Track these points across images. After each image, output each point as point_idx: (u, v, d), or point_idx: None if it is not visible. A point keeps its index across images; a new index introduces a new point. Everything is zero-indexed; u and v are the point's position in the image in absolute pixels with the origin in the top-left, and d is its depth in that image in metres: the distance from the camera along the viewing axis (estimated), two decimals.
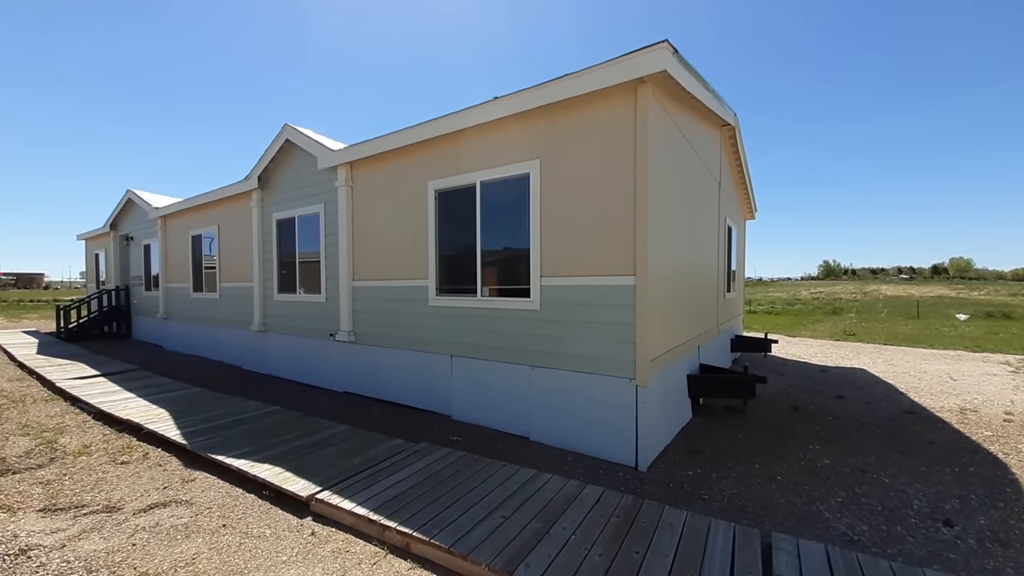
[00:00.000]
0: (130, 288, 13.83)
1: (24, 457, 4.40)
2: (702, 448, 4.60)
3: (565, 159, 4.53)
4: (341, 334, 6.76)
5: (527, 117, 4.72)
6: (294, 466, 3.89)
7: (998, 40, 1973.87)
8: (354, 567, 2.71)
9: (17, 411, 6.02)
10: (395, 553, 2.84)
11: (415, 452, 4.18)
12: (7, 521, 3.19)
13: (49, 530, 3.08)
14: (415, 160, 5.85)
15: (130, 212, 13.44)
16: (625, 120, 4.11)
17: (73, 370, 8.08)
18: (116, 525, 3.15)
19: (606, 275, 4.27)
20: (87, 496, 3.58)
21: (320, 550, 2.88)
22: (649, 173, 4.01)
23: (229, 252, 9.35)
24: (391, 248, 6.19)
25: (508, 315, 4.98)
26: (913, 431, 5.15)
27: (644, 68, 3.82)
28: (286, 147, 7.73)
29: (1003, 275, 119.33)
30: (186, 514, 3.30)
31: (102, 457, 4.38)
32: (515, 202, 4.94)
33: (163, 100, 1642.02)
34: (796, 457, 4.39)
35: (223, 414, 5.46)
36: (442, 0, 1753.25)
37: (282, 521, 3.23)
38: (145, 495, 3.60)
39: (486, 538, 2.78)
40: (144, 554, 2.82)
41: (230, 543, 2.95)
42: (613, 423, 4.21)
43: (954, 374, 8.04)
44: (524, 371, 4.88)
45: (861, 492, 3.69)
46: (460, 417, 5.47)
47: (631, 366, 4.11)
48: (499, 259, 5.13)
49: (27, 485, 3.77)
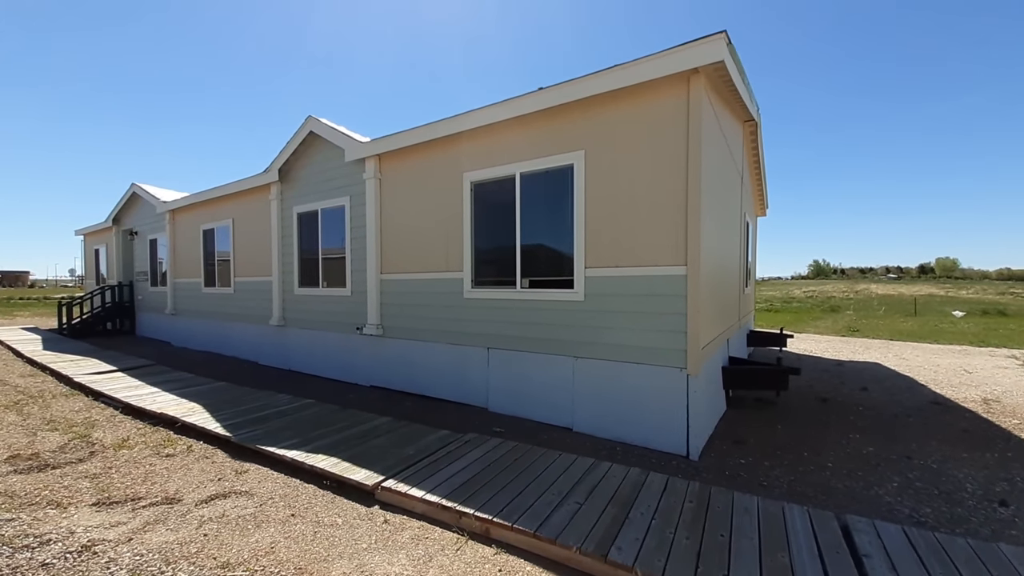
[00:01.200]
0: (134, 284, 13.58)
1: (59, 452, 4.30)
2: (745, 438, 4.64)
3: (611, 150, 4.54)
4: (369, 328, 6.70)
5: (571, 108, 4.72)
6: (349, 456, 3.86)
7: (986, 45, 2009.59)
8: (438, 553, 2.69)
9: (38, 407, 5.89)
10: (475, 539, 2.83)
11: (466, 442, 4.17)
12: (58, 517, 3.10)
13: (108, 524, 3.01)
14: (449, 152, 5.81)
15: (134, 206, 13.19)
16: (676, 111, 4.13)
17: (87, 366, 7.92)
18: (180, 517, 3.10)
19: (655, 266, 4.28)
20: (140, 488, 3.51)
21: (398, 537, 2.86)
22: (702, 164, 4.04)
23: (244, 246, 9.22)
24: (423, 241, 6.15)
25: (550, 306, 4.98)
26: (944, 420, 5.25)
27: (700, 59, 3.84)
28: (309, 139, 7.64)
29: (988, 275, 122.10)
30: (250, 504, 3.26)
31: (144, 450, 4.31)
32: (557, 193, 4.94)
33: (149, 100, 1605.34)
34: (840, 446, 4.45)
35: (258, 407, 5.39)
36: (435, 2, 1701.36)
37: (350, 510, 3.19)
38: (201, 487, 3.54)
39: (568, 523, 2.78)
40: (219, 544, 2.77)
41: (304, 532, 2.91)
42: (663, 413, 4.24)
43: (967, 367, 8.20)
44: (566, 362, 4.88)
45: (914, 477, 3.76)
46: (497, 409, 5.46)
47: (682, 355, 4.13)
48: (539, 250, 5.12)
49: (71, 479, 3.69)
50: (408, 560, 2.63)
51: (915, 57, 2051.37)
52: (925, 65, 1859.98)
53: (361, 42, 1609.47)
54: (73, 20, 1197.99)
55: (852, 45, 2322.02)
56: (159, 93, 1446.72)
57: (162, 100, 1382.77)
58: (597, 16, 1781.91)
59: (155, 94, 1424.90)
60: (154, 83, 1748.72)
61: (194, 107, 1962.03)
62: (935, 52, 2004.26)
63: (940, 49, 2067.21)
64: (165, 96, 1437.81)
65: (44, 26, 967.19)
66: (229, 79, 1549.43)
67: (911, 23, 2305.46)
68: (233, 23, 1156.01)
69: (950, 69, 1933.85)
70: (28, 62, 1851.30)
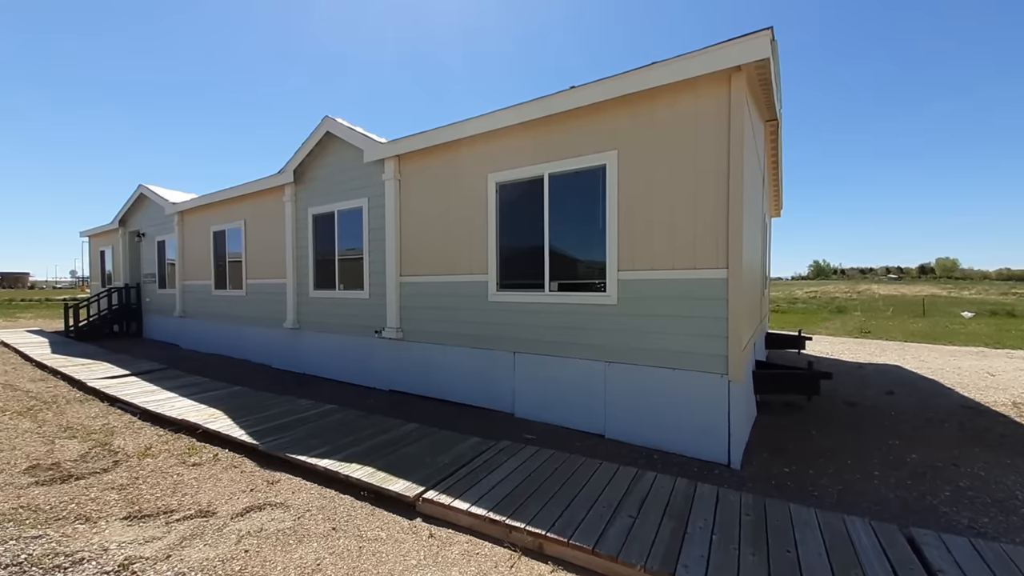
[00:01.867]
0: (141, 286, 13.45)
1: (80, 461, 4.18)
2: (782, 445, 4.54)
3: (646, 150, 4.44)
4: (388, 331, 6.59)
5: (604, 108, 4.62)
6: (384, 465, 3.75)
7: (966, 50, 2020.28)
8: (491, 571, 2.58)
9: (53, 412, 5.77)
10: (528, 555, 2.72)
11: (501, 450, 4.06)
12: (88, 532, 2.97)
13: (142, 539, 2.89)
14: (473, 152, 5.71)
15: (141, 208, 13.06)
16: (717, 109, 4.03)
17: (99, 369, 7.80)
18: (216, 531, 2.98)
19: (694, 268, 4.18)
20: (171, 501, 3.40)
21: (446, 553, 2.75)
22: (743, 164, 3.94)
23: (257, 248, 9.10)
24: (445, 243, 6.05)
25: (580, 310, 4.87)
26: (979, 425, 5.15)
27: (743, 56, 3.74)
28: (325, 140, 7.53)
29: (988, 275, 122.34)
30: (287, 517, 3.14)
31: (169, 459, 4.19)
32: (587, 194, 4.84)
33: (148, 104, 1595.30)
34: (882, 453, 4.35)
35: (280, 413, 5.27)
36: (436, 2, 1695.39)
37: (392, 523, 3.08)
38: (233, 498, 3.43)
39: (625, 538, 2.67)
40: (262, 561, 2.66)
41: (348, 547, 2.80)
42: (702, 419, 4.13)
43: (989, 370, 8.11)
44: (598, 367, 4.78)
45: (965, 486, 3.66)
46: (524, 415, 5.35)
47: (722, 361, 4.03)
48: (568, 252, 5.02)
49: (98, 491, 3.57)
50: None
51: (912, 59, 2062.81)
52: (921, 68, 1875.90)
53: (361, 40, 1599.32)
54: (67, 21, 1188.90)
55: (847, 46, 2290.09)
56: (158, 97, 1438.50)
57: (160, 104, 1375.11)
58: (590, 13, 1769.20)
59: (154, 98, 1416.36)
60: (152, 86, 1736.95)
61: (192, 110, 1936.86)
62: (931, 55, 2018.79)
63: (935, 52, 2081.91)
64: (163, 99, 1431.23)
65: (37, 25, 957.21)
66: (227, 81, 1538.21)
67: (906, 25, 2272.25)
68: (230, 24, 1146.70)
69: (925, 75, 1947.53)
70: (26, 61, 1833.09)
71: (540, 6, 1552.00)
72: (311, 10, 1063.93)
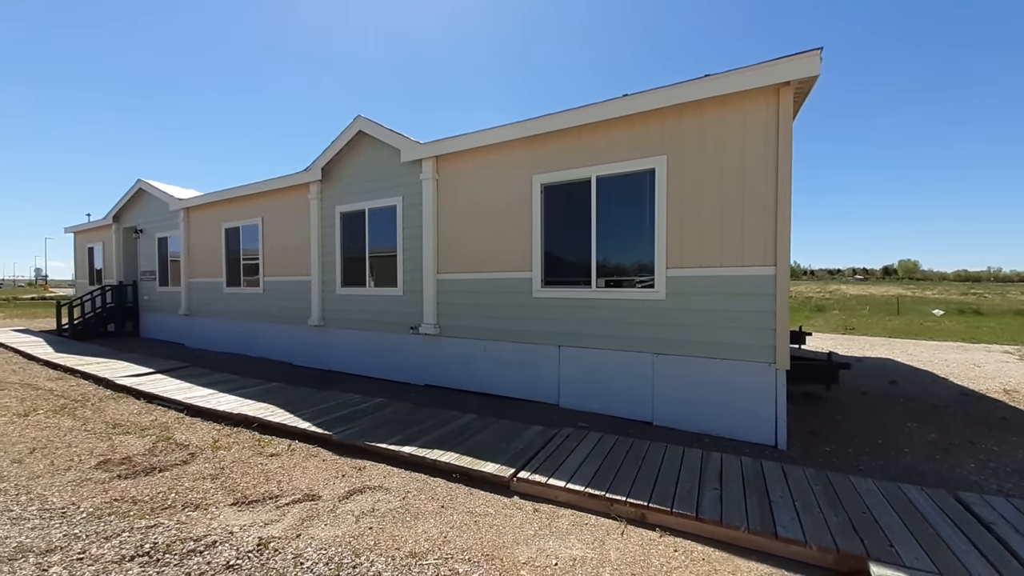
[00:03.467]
0: (138, 283, 13.09)
1: (149, 455, 4.23)
2: (815, 429, 4.94)
3: (695, 155, 4.77)
4: (425, 327, 6.75)
5: (655, 115, 4.93)
6: (464, 451, 3.95)
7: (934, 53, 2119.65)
8: (605, 537, 2.84)
9: (91, 410, 5.71)
10: (632, 524, 2.98)
11: (567, 437, 4.31)
12: (204, 518, 3.07)
13: (262, 522, 3.02)
14: (517, 155, 5.94)
15: (139, 203, 12.73)
16: (766, 119, 4.39)
17: (118, 368, 7.66)
18: (330, 512, 3.13)
19: (742, 266, 4.53)
20: (270, 487, 3.51)
21: (557, 523, 2.99)
22: (791, 170, 4.31)
23: (276, 245, 9.08)
24: (485, 241, 6.25)
25: (628, 305, 5.17)
26: (981, 409, 5.70)
27: (794, 73, 4.11)
28: (356, 139, 7.61)
29: (947, 276, 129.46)
30: (392, 499, 3.32)
31: (243, 451, 4.27)
32: (635, 196, 5.15)
33: (113, 102, 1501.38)
34: (905, 434, 4.80)
35: (334, 406, 5.38)
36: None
37: (493, 501, 3.30)
38: (330, 484, 3.57)
39: (720, 506, 2.97)
40: (390, 536, 2.84)
41: (464, 521, 3.01)
42: (751, 405, 4.49)
43: (973, 362, 8.83)
44: (646, 358, 5.08)
45: (985, 459, 4.12)
46: (569, 405, 5.62)
47: (771, 351, 4.39)
48: (615, 251, 5.31)
49: (190, 481, 3.64)
50: (581, 543, 2.77)
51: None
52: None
53: (346, 36, 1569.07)
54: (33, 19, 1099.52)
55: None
56: (127, 96, 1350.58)
57: (131, 102, 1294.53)
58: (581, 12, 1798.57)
59: (123, 96, 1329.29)
60: (121, 85, 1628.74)
61: (173, 109, 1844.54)
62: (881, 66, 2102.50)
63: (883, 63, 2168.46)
64: (134, 99, 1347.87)
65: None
66: (210, 80, 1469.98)
67: (854, 38, 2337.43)
68: (213, 24, 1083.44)
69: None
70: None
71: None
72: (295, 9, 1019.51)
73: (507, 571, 2.50)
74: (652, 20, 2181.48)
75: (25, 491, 3.46)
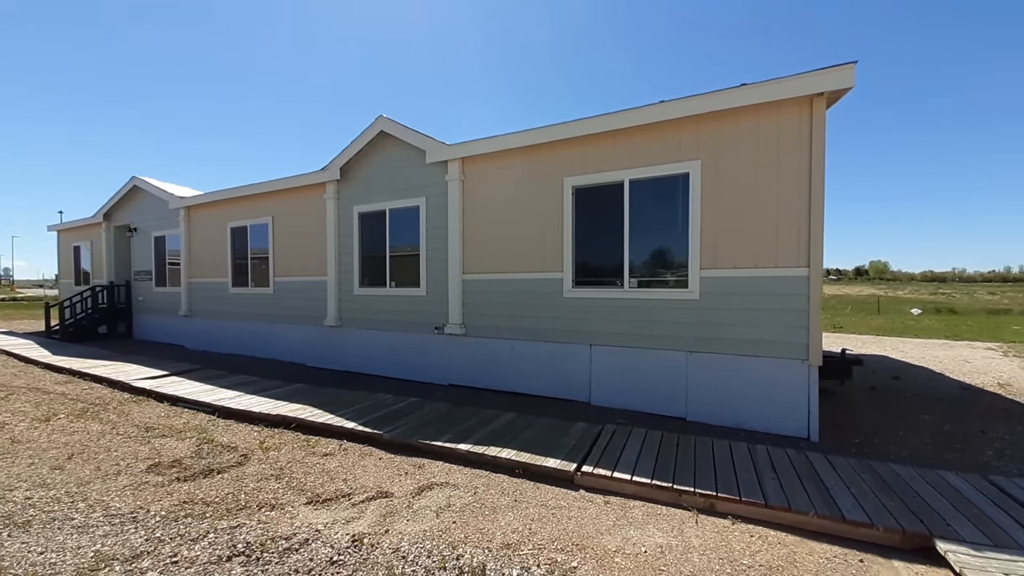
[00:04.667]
0: (132, 284, 12.70)
1: (197, 457, 4.18)
2: (838, 422, 5.20)
3: (729, 160, 4.97)
4: (451, 327, 6.80)
5: (691, 121, 5.11)
6: (519, 447, 4.04)
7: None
8: (681, 525, 2.98)
9: (115, 414, 5.59)
10: (703, 513, 3.13)
11: (614, 433, 4.45)
12: (284, 517, 3.07)
13: (345, 519, 3.06)
14: (547, 157, 6.05)
15: (133, 201, 12.36)
16: (800, 128, 4.61)
17: (129, 370, 7.48)
18: (407, 508, 3.19)
19: (776, 267, 4.75)
20: (338, 486, 3.54)
21: (632, 514, 3.12)
22: (824, 176, 4.54)
23: (287, 245, 8.97)
24: (514, 242, 6.35)
25: (662, 305, 5.35)
26: (982, 402, 6.08)
27: (829, 84, 4.34)
28: (376, 140, 7.60)
29: (915, 276, 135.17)
30: (464, 495, 3.39)
31: (295, 451, 4.27)
32: (669, 199, 5.33)
33: (71, 102, 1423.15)
34: (921, 425, 5.10)
35: (369, 407, 5.39)
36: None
37: (562, 495, 3.40)
38: (396, 481, 3.62)
39: (784, 493, 3.15)
40: (477, 529, 2.92)
41: (541, 515, 3.10)
42: (784, 400, 4.71)
43: (963, 358, 9.35)
44: (679, 356, 5.27)
45: (1001, 447, 4.43)
46: (600, 403, 5.76)
47: (804, 348, 4.62)
48: (648, 252, 5.48)
49: (254, 482, 3.63)
50: (661, 532, 2.90)
51: None
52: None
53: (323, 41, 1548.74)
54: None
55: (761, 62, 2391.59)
56: (95, 94, 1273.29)
57: (88, 102, 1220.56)
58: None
59: (90, 95, 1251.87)
60: (79, 85, 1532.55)
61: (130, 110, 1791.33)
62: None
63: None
64: (103, 98, 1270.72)
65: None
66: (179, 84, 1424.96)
67: (824, 49, 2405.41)
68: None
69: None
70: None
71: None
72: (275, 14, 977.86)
73: (602, 559, 2.61)
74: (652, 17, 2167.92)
75: (81, 497, 3.40)
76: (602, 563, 2.57)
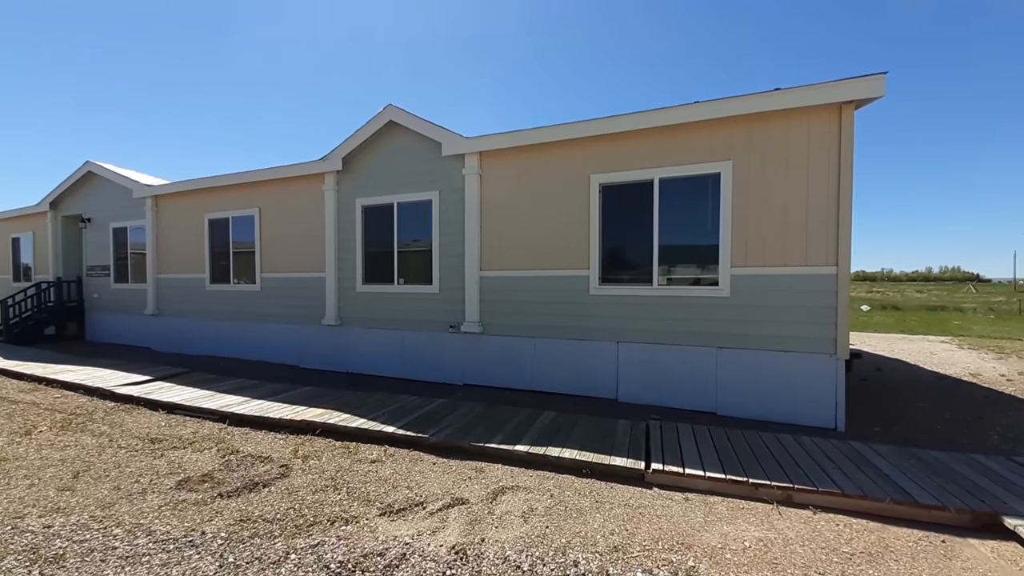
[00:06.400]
0: (84, 280, 11.49)
1: (227, 470, 3.83)
2: (853, 413, 5.51)
3: (760, 161, 5.13)
4: (468, 325, 6.63)
5: (723, 123, 5.23)
6: (577, 446, 4.00)
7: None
8: (766, 518, 3.03)
9: (106, 425, 5.05)
10: (782, 505, 3.21)
11: (661, 428, 4.49)
12: (364, 530, 2.85)
13: (430, 529, 2.88)
14: (573, 154, 6.01)
15: (87, 188, 11.19)
16: (829, 133, 4.82)
17: (105, 376, 6.77)
18: (490, 515, 3.06)
19: (805, 265, 4.95)
20: (406, 494, 3.34)
21: (715, 509, 3.15)
22: (852, 179, 4.78)
23: (278, 239, 8.42)
24: (537, 238, 6.26)
25: (692, 303, 5.45)
26: (964, 391, 6.64)
27: (859, 93, 4.57)
28: (384, 130, 7.26)
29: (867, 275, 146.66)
30: (543, 498, 3.29)
31: (339, 459, 4.00)
32: (699, 198, 5.43)
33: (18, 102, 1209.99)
34: (925, 413, 5.50)
35: (397, 409, 5.15)
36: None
37: (638, 493, 3.38)
38: (463, 486, 3.47)
39: (849, 481, 3.28)
40: (574, 534, 2.83)
41: (629, 515, 3.07)
42: (813, 392, 4.93)
43: (928, 351, 10.19)
44: (709, 352, 5.39)
45: (1001, 430, 4.86)
46: (628, 399, 5.80)
47: (832, 343, 4.85)
48: (677, 250, 5.56)
49: (310, 494, 3.36)
50: (752, 526, 2.94)
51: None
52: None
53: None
54: None
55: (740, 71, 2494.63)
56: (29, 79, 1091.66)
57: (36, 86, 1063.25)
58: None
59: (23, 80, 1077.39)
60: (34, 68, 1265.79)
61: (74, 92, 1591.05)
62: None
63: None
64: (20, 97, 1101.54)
65: None
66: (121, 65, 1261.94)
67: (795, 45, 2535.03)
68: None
69: None
70: None
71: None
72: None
73: (712, 556, 2.61)
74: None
75: (113, 522, 3.01)
76: (716, 560, 2.57)
